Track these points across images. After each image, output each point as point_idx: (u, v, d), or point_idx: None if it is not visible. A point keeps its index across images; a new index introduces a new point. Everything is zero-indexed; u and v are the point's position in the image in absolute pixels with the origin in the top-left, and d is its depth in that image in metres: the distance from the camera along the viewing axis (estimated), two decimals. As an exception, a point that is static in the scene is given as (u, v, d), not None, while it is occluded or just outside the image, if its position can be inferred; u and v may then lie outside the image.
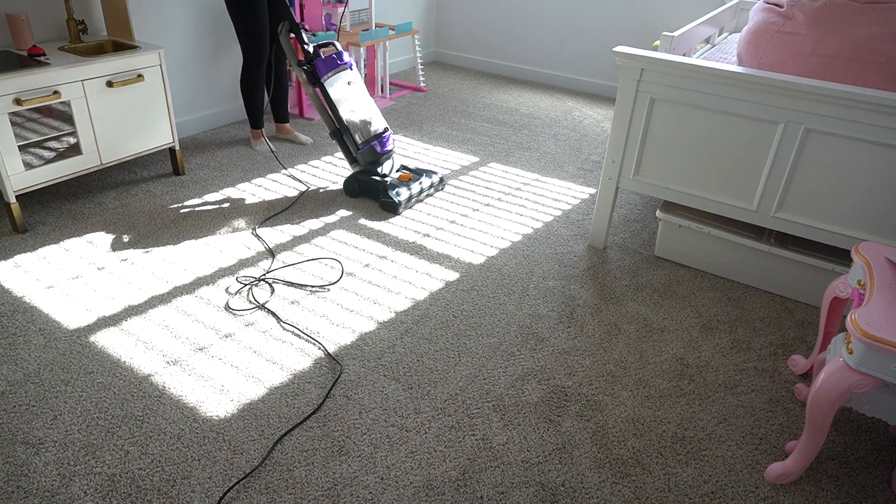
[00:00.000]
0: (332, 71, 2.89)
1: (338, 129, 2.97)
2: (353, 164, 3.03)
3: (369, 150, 2.96)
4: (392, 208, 2.91)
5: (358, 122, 2.94)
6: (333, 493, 1.57)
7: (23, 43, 2.68)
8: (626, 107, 2.36)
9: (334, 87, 2.90)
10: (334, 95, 2.90)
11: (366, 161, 2.98)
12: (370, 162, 2.99)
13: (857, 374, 1.43)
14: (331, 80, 2.89)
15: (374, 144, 2.97)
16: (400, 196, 2.91)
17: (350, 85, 2.97)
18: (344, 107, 2.91)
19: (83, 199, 2.89)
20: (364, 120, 2.96)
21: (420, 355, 2.04)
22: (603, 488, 1.62)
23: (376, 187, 2.96)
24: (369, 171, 3.00)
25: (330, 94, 2.89)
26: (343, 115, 2.91)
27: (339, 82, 2.92)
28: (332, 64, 2.90)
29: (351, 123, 2.92)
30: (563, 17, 4.76)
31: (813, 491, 1.64)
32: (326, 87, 2.88)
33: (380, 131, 3.01)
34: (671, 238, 2.58)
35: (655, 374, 2.01)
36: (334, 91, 2.90)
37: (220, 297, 2.27)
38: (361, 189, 3.03)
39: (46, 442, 1.67)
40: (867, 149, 2.01)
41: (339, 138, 3.00)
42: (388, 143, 3.03)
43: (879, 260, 1.62)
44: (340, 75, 2.93)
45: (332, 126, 3.01)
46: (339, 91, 2.91)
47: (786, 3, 2.35)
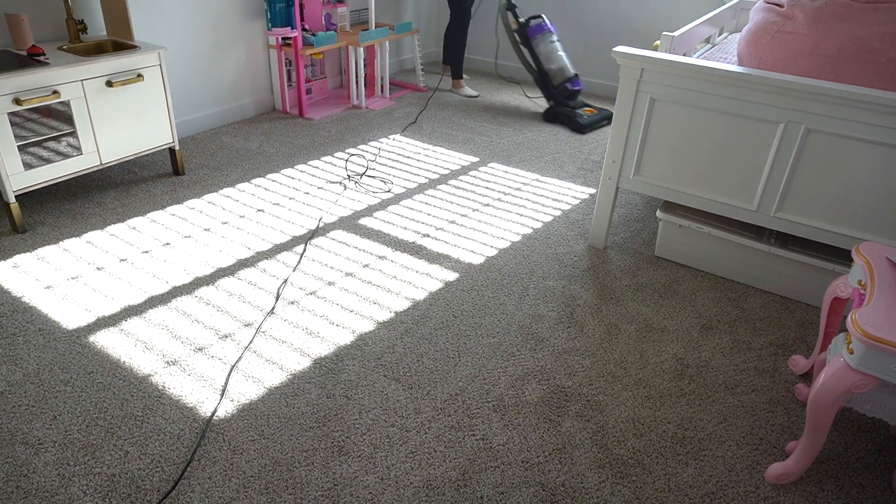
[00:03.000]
0: (539, 34, 4.07)
1: (540, 76, 4.12)
2: (550, 100, 4.20)
3: (563, 88, 4.09)
4: (579, 128, 4.01)
5: (555, 69, 4.08)
6: (333, 493, 1.57)
7: (22, 43, 2.68)
8: (627, 107, 2.36)
9: (539, 46, 4.07)
10: (539, 52, 4.06)
11: (562, 96, 4.11)
12: (565, 97, 4.12)
13: (858, 375, 1.43)
14: (538, 41, 4.07)
15: (566, 85, 4.09)
16: (584, 119, 4.02)
17: (552, 43, 4.10)
18: (545, 59, 4.07)
19: (83, 199, 2.89)
20: (560, 67, 4.08)
21: (420, 355, 2.04)
22: (603, 488, 1.62)
23: (567, 115, 4.09)
24: (562, 104, 4.13)
25: (535, 50, 4.06)
26: (544, 65, 4.08)
27: (544, 43, 4.08)
28: (539, 29, 4.08)
29: (549, 71, 4.08)
30: (563, 17, 4.76)
31: (813, 491, 1.64)
32: (534, 46, 4.07)
33: (570, 76, 4.08)
34: (671, 238, 2.57)
35: (655, 374, 2.01)
36: (539, 49, 4.06)
37: (219, 297, 2.27)
38: (556, 117, 4.16)
39: (46, 442, 1.67)
40: (867, 149, 2.01)
41: (540, 83, 4.15)
42: (577, 84, 4.12)
43: (880, 260, 1.62)
44: (546, 36, 4.09)
45: (535, 74, 4.15)
46: (543, 48, 4.07)
47: (786, 3, 2.34)
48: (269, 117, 4.01)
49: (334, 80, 4.57)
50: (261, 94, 4.04)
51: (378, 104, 4.32)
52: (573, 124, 4.03)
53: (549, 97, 4.16)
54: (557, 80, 4.05)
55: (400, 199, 3.04)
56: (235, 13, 3.68)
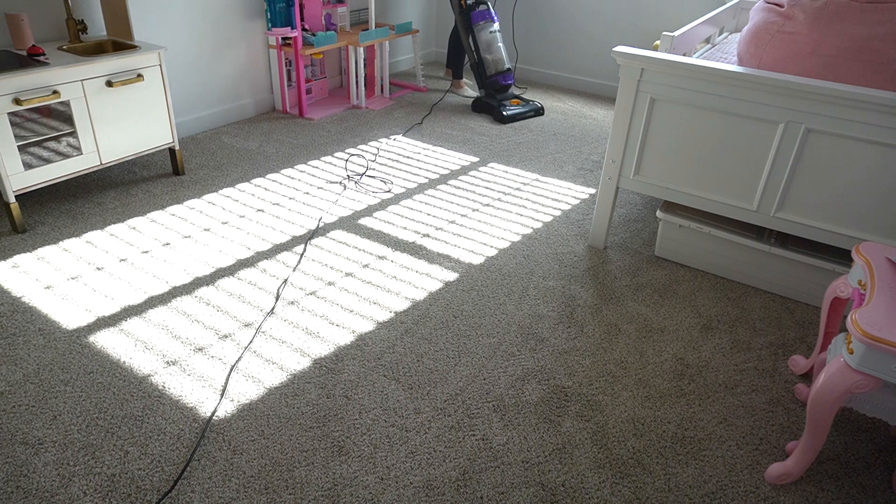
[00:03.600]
0: (482, 21, 4.09)
1: (477, 62, 4.16)
2: (481, 89, 4.26)
3: (494, 81, 4.18)
4: (501, 118, 4.11)
5: (490, 59, 4.14)
6: (333, 493, 1.57)
7: (22, 43, 2.68)
8: (627, 107, 2.36)
9: (481, 33, 4.10)
10: (479, 39, 4.10)
11: (490, 88, 4.20)
12: (494, 89, 4.20)
13: (858, 375, 1.43)
14: (480, 27, 4.09)
15: (498, 78, 4.18)
16: (509, 111, 4.13)
17: (491, 33, 4.15)
18: (483, 48, 4.11)
19: (83, 199, 2.89)
20: (495, 59, 4.16)
21: (420, 355, 2.04)
22: (603, 488, 1.62)
23: (491, 105, 4.18)
24: (491, 96, 4.22)
25: (477, 37, 4.09)
26: (482, 53, 4.12)
27: (485, 30, 4.12)
28: (481, 16, 4.09)
29: (485, 60, 4.13)
30: (563, 17, 4.76)
31: (813, 491, 1.64)
32: (475, 31, 4.09)
33: (503, 70, 4.18)
34: (671, 238, 2.57)
35: (655, 374, 2.01)
36: (480, 36, 4.10)
37: (219, 297, 2.27)
38: (482, 108, 4.24)
39: (46, 442, 1.67)
40: (867, 149, 2.01)
41: (476, 69, 4.20)
42: (508, 79, 4.22)
43: (880, 260, 1.62)
44: (487, 25, 4.11)
45: (473, 60, 4.17)
46: (483, 37, 4.11)
47: (786, 3, 2.34)
48: (269, 117, 4.01)
49: (334, 80, 4.57)
50: (261, 94, 4.04)
51: (378, 104, 4.32)
52: (496, 114, 4.15)
53: (481, 86, 4.24)
54: (490, 71, 4.14)
55: (400, 199, 3.04)
56: (235, 13, 3.68)
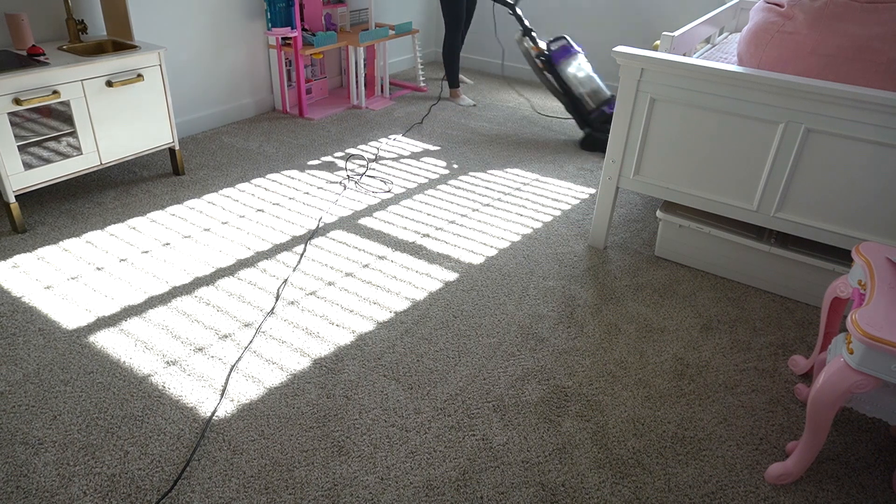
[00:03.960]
0: (564, 58, 3.74)
1: (571, 102, 3.76)
2: (585, 127, 3.81)
3: (599, 114, 3.75)
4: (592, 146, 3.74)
5: (585, 93, 3.75)
6: (333, 493, 1.57)
7: (22, 42, 2.68)
8: (627, 107, 2.36)
9: (566, 70, 3.74)
10: (566, 76, 3.72)
11: (599, 121, 3.75)
12: (602, 121, 3.75)
13: (858, 375, 1.43)
14: (563, 65, 3.73)
15: (603, 109, 3.76)
16: None
17: (580, 65, 3.80)
18: (573, 84, 3.73)
19: (83, 199, 2.89)
20: (593, 90, 3.78)
21: (420, 355, 2.04)
22: (603, 488, 1.62)
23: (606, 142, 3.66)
24: (600, 129, 3.75)
25: (562, 76, 3.71)
26: (574, 90, 3.73)
27: (572, 66, 3.76)
28: (564, 53, 3.75)
29: (582, 95, 3.74)
30: (563, 17, 4.76)
31: (813, 491, 1.64)
32: (559, 71, 3.71)
33: (607, 97, 3.79)
34: (671, 238, 2.57)
35: (655, 374, 2.01)
36: (566, 73, 3.73)
37: (219, 297, 2.27)
38: (593, 144, 3.77)
39: (46, 442, 1.67)
40: (867, 149, 2.01)
41: (573, 109, 3.79)
42: (613, 106, 3.77)
43: (880, 260, 1.62)
44: (571, 60, 3.77)
45: (566, 101, 3.79)
46: (571, 72, 3.75)
47: (786, 3, 2.34)
48: (269, 117, 4.01)
49: (334, 80, 4.57)
50: (261, 94, 4.04)
51: (378, 104, 4.32)
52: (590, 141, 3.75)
53: (584, 124, 3.79)
54: (592, 105, 3.73)
55: (400, 199, 3.04)
56: (235, 13, 3.68)
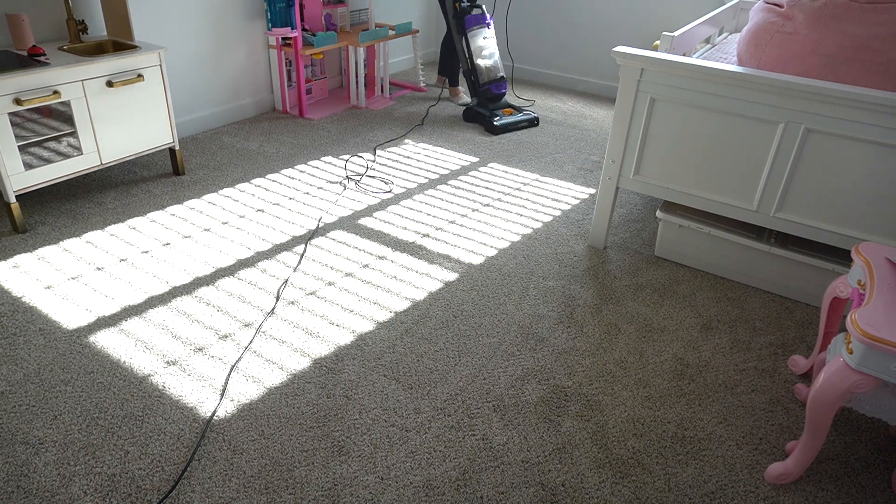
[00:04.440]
0: (476, 26, 3.89)
1: (469, 69, 3.94)
2: (473, 97, 4.05)
3: (486, 89, 3.97)
4: (492, 129, 3.89)
5: (483, 67, 3.93)
6: (333, 493, 1.57)
7: (23, 43, 2.68)
8: (626, 107, 2.36)
9: (474, 39, 3.90)
10: (473, 45, 3.89)
11: (483, 97, 3.99)
12: (487, 98, 4.00)
13: (858, 375, 1.43)
14: (473, 32, 3.88)
15: (491, 86, 3.98)
16: (501, 120, 3.91)
17: (485, 39, 3.96)
18: (477, 55, 3.90)
19: (83, 199, 2.89)
20: (489, 67, 3.95)
21: (420, 355, 2.04)
22: (603, 488, 1.62)
23: (483, 115, 3.97)
24: (483, 105, 4.00)
25: (470, 43, 3.88)
26: (476, 60, 3.90)
27: (479, 35, 3.92)
28: (477, 20, 3.90)
29: (478, 67, 3.92)
30: (562, 17, 4.76)
31: (813, 491, 1.64)
32: (468, 37, 3.87)
33: (497, 77, 3.98)
34: (671, 238, 2.58)
35: (655, 374, 2.01)
36: (473, 42, 3.89)
37: (219, 297, 2.27)
38: (474, 117, 4.02)
39: (46, 442, 1.67)
40: (867, 149, 2.01)
41: (469, 77, 3.98)
42: (502, 87, 4.02)
43: (879, 260, 1.62)
44: (481, 30, 3.92)
45: (466, 66, 3.95)
46: (477, 42, 3.91)
47: (786, 3, 2.34)
48: (269, 117, 4.01)
49: (334, 80, 4.57)
50: (261, 94, 4.04)
51: (378, 104, 4.32)
52: (487, 124, 3.93)
53: (474, 94, 4.03)
54: (483, 79, 3.94)
55: (400, 199, 3.04)
56: (235, 13, 3.68)
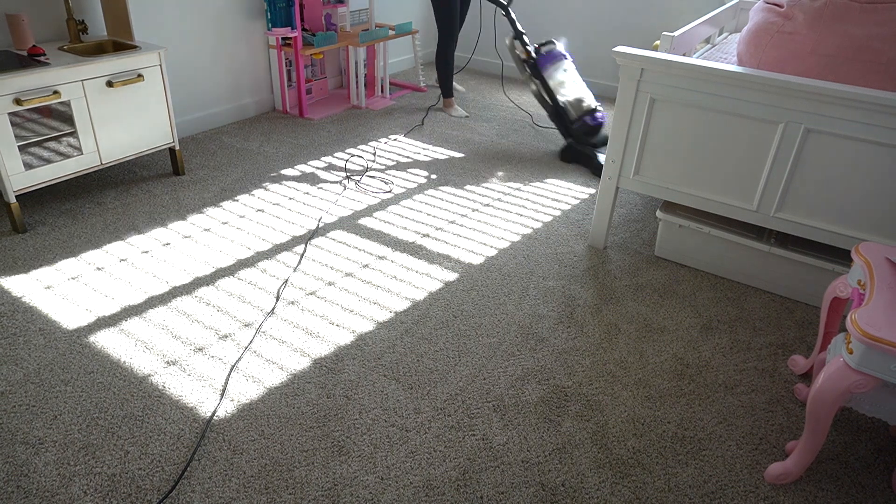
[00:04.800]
0: (551, 63, 3.57)
1: (555, 110, 3.58)
2: (567, 137, 3.62)
3: (581, 123, 3.51)
4: (600, 170, 3.38)
5: (571, 100, 3.53)
6: (333, 493, 1.57)
7: (23, 43, 2.68)
8: (626, 107, 2.36)
9: (553, 76, 3.56)
10: (551, 83, 3.54)
11: (581, 132, 3.52)
12: (584, 133, 3.52)
13: (858, 374, 1.43)
14: (550, 71, 3.56)
15: (585, 119, 3.51)
16: None
17: (566, 72, 3.61)
18: (559, 91, 3.55)
19: (83, 199, 2.89)
20: (577, 98, 3.54)
21: (420, 355, 2.04)
22: (603, 488, 1.62)
23: (587, 154, 3.50)
24: (582, 140, 3.55)
25: (548, 83, 3.54)
26: (559, 98, 3.54)
27: (558, 72, 3.58)
28: (551, 58, 3.59)
29: (566, 104, 3.53)
30: (562, 17, 4.76)
31: (813, 491, 1.64)
32: (546, 78, 3.54)
33: (591, 108, 3.52)
34: (671, 238, 2.58)
35: (655, 374, 2.01)
36: (551, 80, 3.55)
37: (219, 297, 2.27)
38: (574, 157, 3.57)
39: (46, 442, 1.67)
40: (867, 149, 2.01)
41: (556, 118, 3.60)
42: (598, 118, 3.53)
43: (879, 260, 1.62)
44: (558, 65, 3.60)
45: (550, 109, 3.61)
46: (557, 78, 3.57)
47: (786, 3, 2.34)
48: (269, 117, 4.01)
49: (334, 80, 4.57)
50: (261, 94, 4.04)
51: (378, 104, 4.32)
52: (593, 165, 3.45)
53: (567, 133, 3.59)
54: (575, 114, 3.50)
55: (400, 199, 3.04)
56: (235, 13, 3.68)
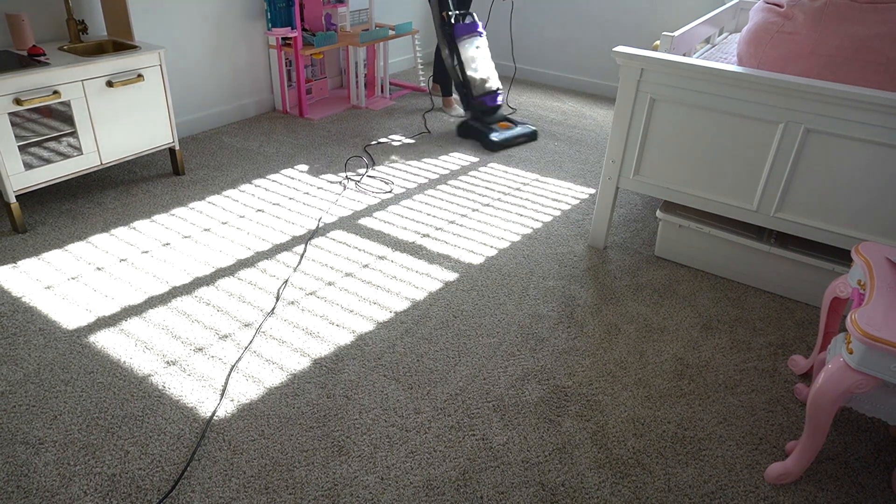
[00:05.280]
0: (467, 35, 3.61)
1: (461, 81, 3.66)
2: (466, 111, 3.76)
3: (480, 102, 3.68)
4: (490, 145, 3.60)
5: (477, 78, 3.64)
6: (333, 493, 1.57)
7: (23, 43, 2.68)
8: (626, 107, 2.36)
9: (466, 49, 3.61)
10: (463, 55, 3.60)
11: (477, 110, 3.69)
12: (481, 111, 3.70)
13: (858, 375, 1.43)
14: (464, 42, 3.61)
15: (485, 99, 3.69)
16: (499, 136, 3.61)
17: (478, 49, 3.67)
18: (469, 66, 3.62)
19: (83, 199, 2.89)
20: (482, 78, 3.66)
21: (420, 355, 2.04)
22: (603, 488, 1.62)
23: (478, 130, 3.68)
24: (477, 118, 3.73)
25: (461, 53, 3.59)
26: (467, 72, 3.61)
27: (470, 45, 3.64)
28: (468, 29, 3.63)
29: (471, 79, 3.62)
30: (562, 17, 4.76)
31: (813, 491, 1.64)
32: (459, 47, 3.58)
33: (492, 89, 3.72)
34: (671, 238, 2.58)
35: (655, 374, 2.01)
36: (464, 52, 3.60)
37: (219, 297, 2.27)
38: (469, 132, 3.75)
39: (46, 442, 1.67)
40: (867, 149, 2.01)
41: (460, 89, 3.70)
42: (497, 99, 3.74)
43: (879, 260, 1.62)
44: (473, 40, 3.65)
45: (457, 79, 3.68)
46: (468, 52, 3.63)
47: (786, 3, 2.34)
48: (269, 117, 4.01)
49: (334, 80, 4.57)
50: (261, 94, 4.04)
51: (378, 104, 4.32)
52: (484, 140, 3.65)
53: (467, 107, 3.75)
54: (477, 91, 3.64)
55: (400, 199, 3.04)
56: (235, 13, 3.68)
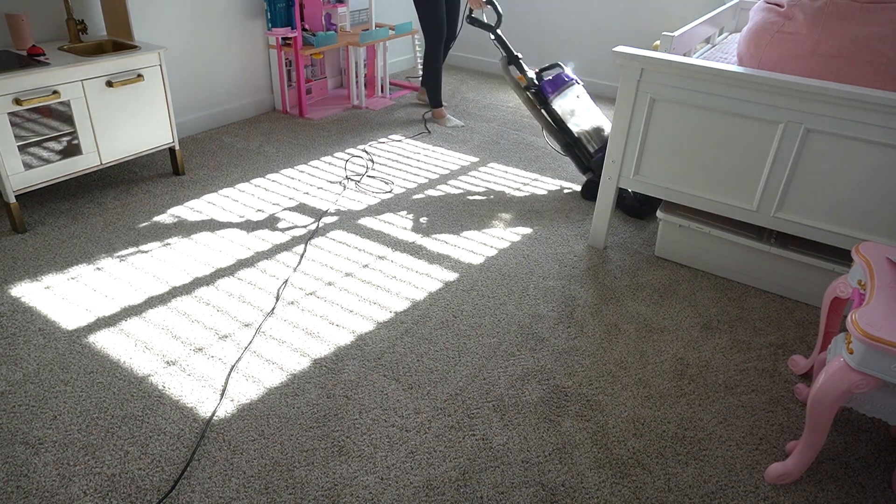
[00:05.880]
0: (558, 90, 3.03)
1: (568, 142, 3.04)
2: (587, 172, 3.07)
3: (603, 155, 2.94)
4: (636, 212, 2.91)
5: (589, 130, 3.03)
6: (333, 493, 1.57)
7: (22, 43, 2.68)
8: (626, 107, 2.36)
9: (561, 104, 3.02)
10: (561, 112, 2.99)
11: (601, 166, 2.92)
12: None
13: (858, 375, 1.43)
14: (556, 98, 3.01)
15: None
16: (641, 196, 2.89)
17: (578, 98, 3.10)
18: (572, 121, 3.01)
19: (83, 199, 2.89)
20: (595, 128, 3.06)
21: (420, 355, 2.04)
22: (603, 488, 1.62)
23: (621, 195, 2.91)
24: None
25: (556, 112, 2.99)
26: (572, 128, 3.00)
27: (567, 98, 3.05)
28: (555, 84, 3.05)
29: (582, 134, 3.01)
30: (563, 17, 4.76)
31: (813, 491, 1.64)
32: (553, 107, 2.99)
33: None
34: (671, 238, 2.58)
35: (655, 374, 2.01)
36: (560, 108, 3.01)
37: (219, 297, 2.27)
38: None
39: (46, 442, 1.67)
40: (867, 149, 2.01)
41: (571, 151, 3.06)
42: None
43: (880, 260, 1.62)
44: (566, 92, 3.07)
45: (562, 140, 3.07)
46: (567, 106, 3.03)
47: (786, 3, 2.34)
48: (269, 117, 4.01)
49: (334, 80, 4.57)
50: (261, 94, 4.04)
51: (378, 104, 4.32)
52: (624, 204, 2.94)
53: (585, 168, 3.07)
54: (595, 146, 3.01)
55: (400, 199, 3.04)
56: (235, 13, 3.68)
